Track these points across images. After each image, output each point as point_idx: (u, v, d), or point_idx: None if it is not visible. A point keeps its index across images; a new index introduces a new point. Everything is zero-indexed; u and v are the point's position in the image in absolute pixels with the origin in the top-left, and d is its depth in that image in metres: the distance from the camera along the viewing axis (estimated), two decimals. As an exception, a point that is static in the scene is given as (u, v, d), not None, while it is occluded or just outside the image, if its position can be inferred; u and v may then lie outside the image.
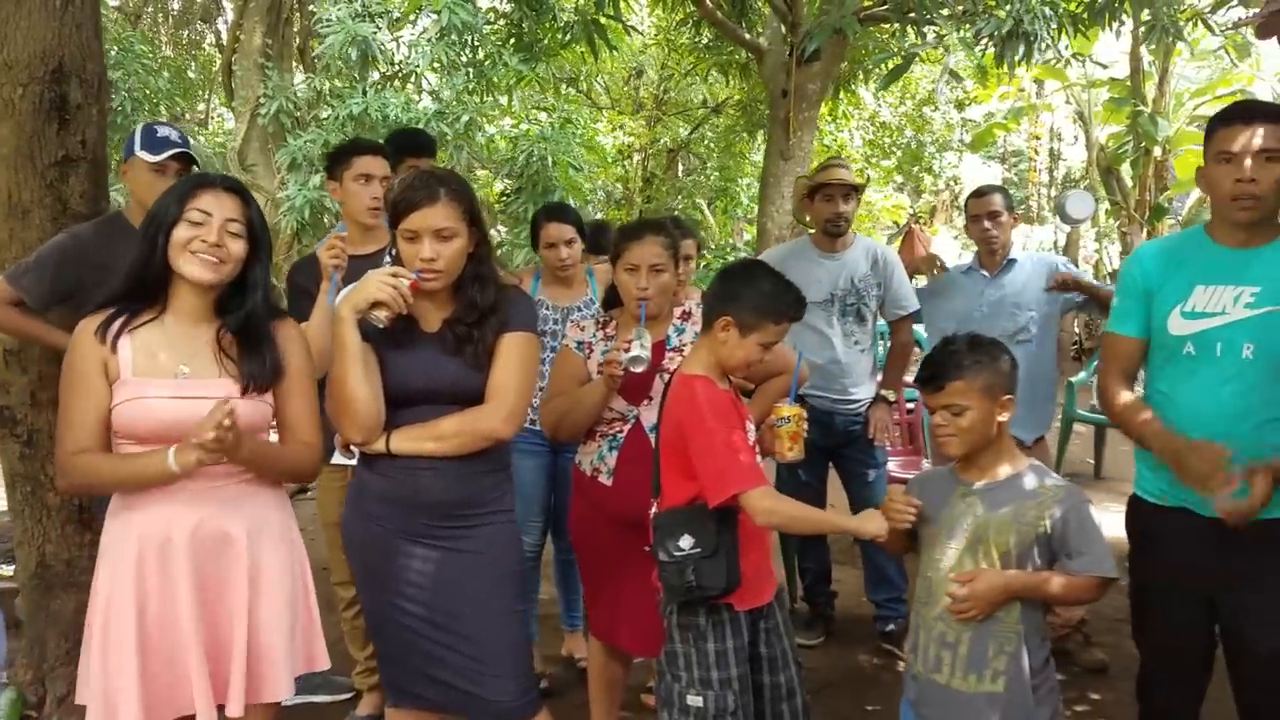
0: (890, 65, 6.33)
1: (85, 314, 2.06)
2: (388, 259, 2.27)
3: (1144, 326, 2.34)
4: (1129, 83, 11.14)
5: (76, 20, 2.99)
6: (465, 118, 9.71)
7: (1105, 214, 12.51)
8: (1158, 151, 11.29)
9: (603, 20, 6.58)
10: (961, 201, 15.71)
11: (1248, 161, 2.14)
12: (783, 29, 6.63)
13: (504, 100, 10.75)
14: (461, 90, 9.78)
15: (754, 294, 2.24)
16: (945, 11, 6.04)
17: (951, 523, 2.20)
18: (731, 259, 11.30)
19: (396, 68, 10.44)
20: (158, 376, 2.00)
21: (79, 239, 2.84)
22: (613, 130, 13.59)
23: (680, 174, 14.86)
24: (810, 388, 3.71)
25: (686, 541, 2.19)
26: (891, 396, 3.71)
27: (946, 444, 2.19)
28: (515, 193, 10.84)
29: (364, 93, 9.71)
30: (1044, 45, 5.22)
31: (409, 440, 2.15)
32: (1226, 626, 2.27)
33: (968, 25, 6.01)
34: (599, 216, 13.59)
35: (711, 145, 13.53)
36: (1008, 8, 5.56)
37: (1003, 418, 2.17)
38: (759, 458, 2.32)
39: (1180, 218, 11.66)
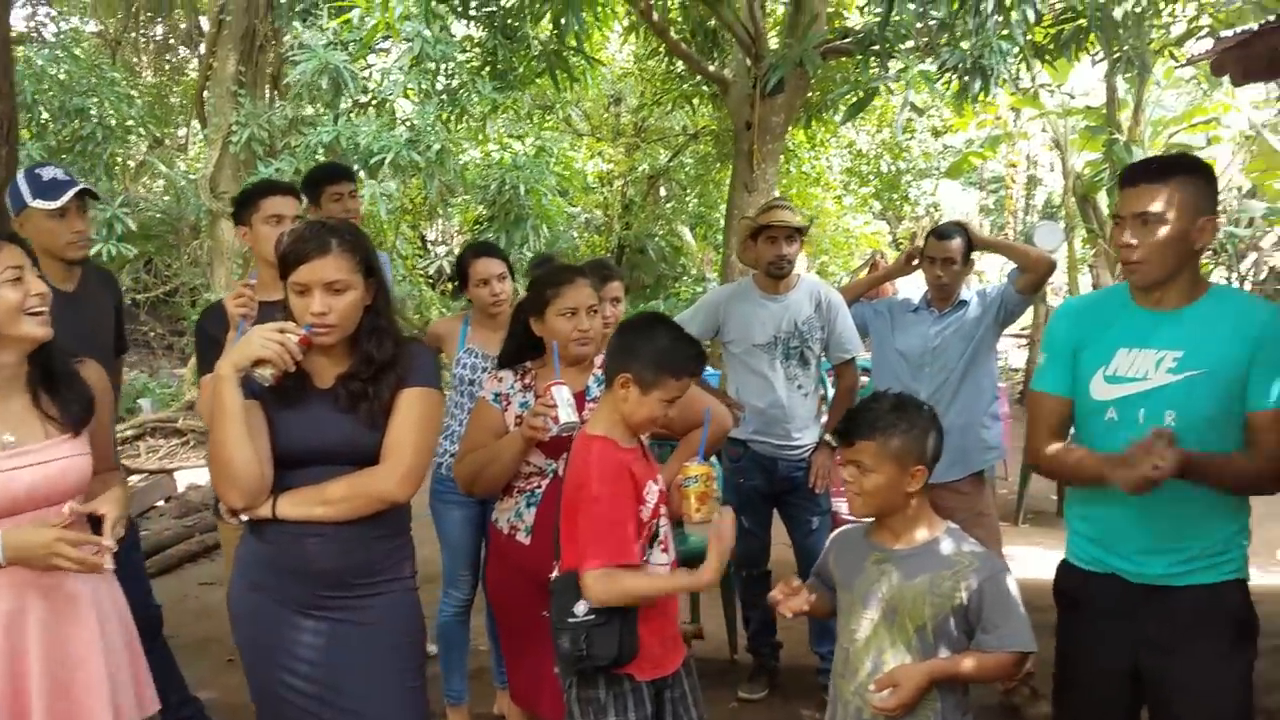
0: (853, 98, 6.29)
1: None
2: (278, 314, 2.16)
3: (1070, 385, 2.25)
4: (1104, 111, 11.13)
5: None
6: (437, 145, 9.65)
7: (1082, 242, 12.48)
8: (1133, 180, 11.26)
9: (565, 53, 6.55)
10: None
11: (1127, 228, 2.09)
12: (747, 61, 6.60)
13: (478, 128, 10.72)
14: (435, 118, 9.73)
15: (652, 350, 2.15)
16: (909, 44, 6.03)
17: (865, 590, 2.12)
18: (701, 290, 11.28)
19: (369, 95, 10.40)
20: None
21: None
22: (592, 157, 13.56)
23: (661, 200, 14.83)
24: (753, 432, 3.63)
25: (581, 607, 2.09)
26: (835, 442, 3.62)
27: (850, 501, 2.12)
28: (488, 220, 10.79)
29: (335, 120, 9.67)
30: (1000, 79, 5.18)
31: (297, 505, 2.02)
32: (1154, 698, 2.18)
33: (930, 58, 5.99)
34: (578, 242, 13.57)
35: (691, 172, 13.50)
36: (969, 41, 5.54)
37: (911, 488, 2.09)
38: (662, 523, 2.22)
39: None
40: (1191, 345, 2.07)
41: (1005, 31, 5.09)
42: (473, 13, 6.57)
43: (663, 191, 14.95)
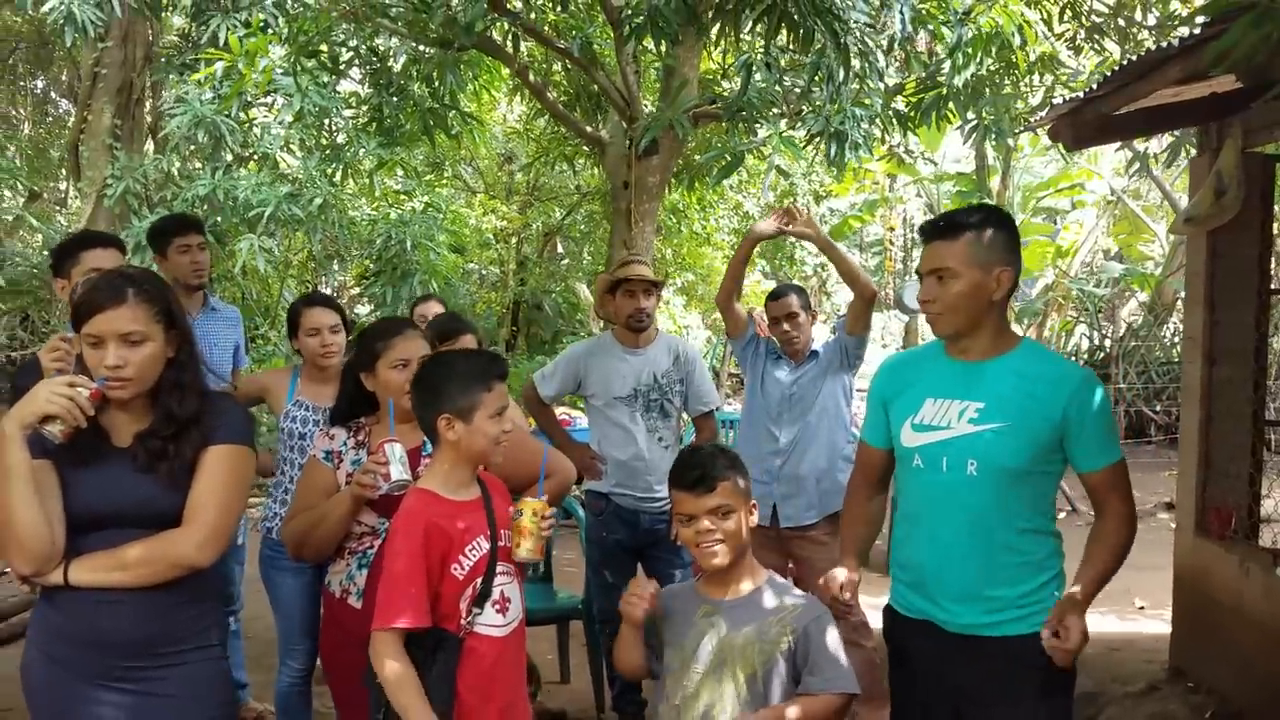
0: (721, 162, 6.45)
1: None
2: (74, 367, 2.05)
3: (885, 436, 2.32)
4: (975, 177, 11.68)
5: None
6: (318, 200, 9.52)
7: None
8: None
9: (441, 110, 6.58)
10: (829, 288, 16.03)
11: (925, 281, 2.18)
12: (623, 124, 6.72)
13: (365, 183, 10.63)
14: (317, 173, 9.61)
15: (451, 380, 2.14)
16: (775, 110, 6.23)
17: (696, 644, 2.11)
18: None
19: (250, 150, 10.22)
20: None
21: None
22: (485, 214, 13.56)
23: (557, 257, 14.90)
24: (616, 485, 3.63)
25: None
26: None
27: (713, 554, 2.09)
28: (375, 275, 10.66)
29: (213, 174, 9.46)
30: (855, 144, 5.38)
31: (90, 571, 1.90)
32: None
33: (796, 124, 6.20)
34: (473, 298, 13.50)
35: (584, 229, 13.62)
36: (830, 109, 5.75)
37: (751, 522, 2.13)
38: (500, 581, 2.16)
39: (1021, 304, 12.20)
40: (992, 398, 2.12)
41: (863, 99, 5.30)
42: (344, 68, 6.51)
43: (560, 249, 15.04)
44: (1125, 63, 3.31)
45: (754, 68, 5.26)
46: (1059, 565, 2.19)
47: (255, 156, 10.44)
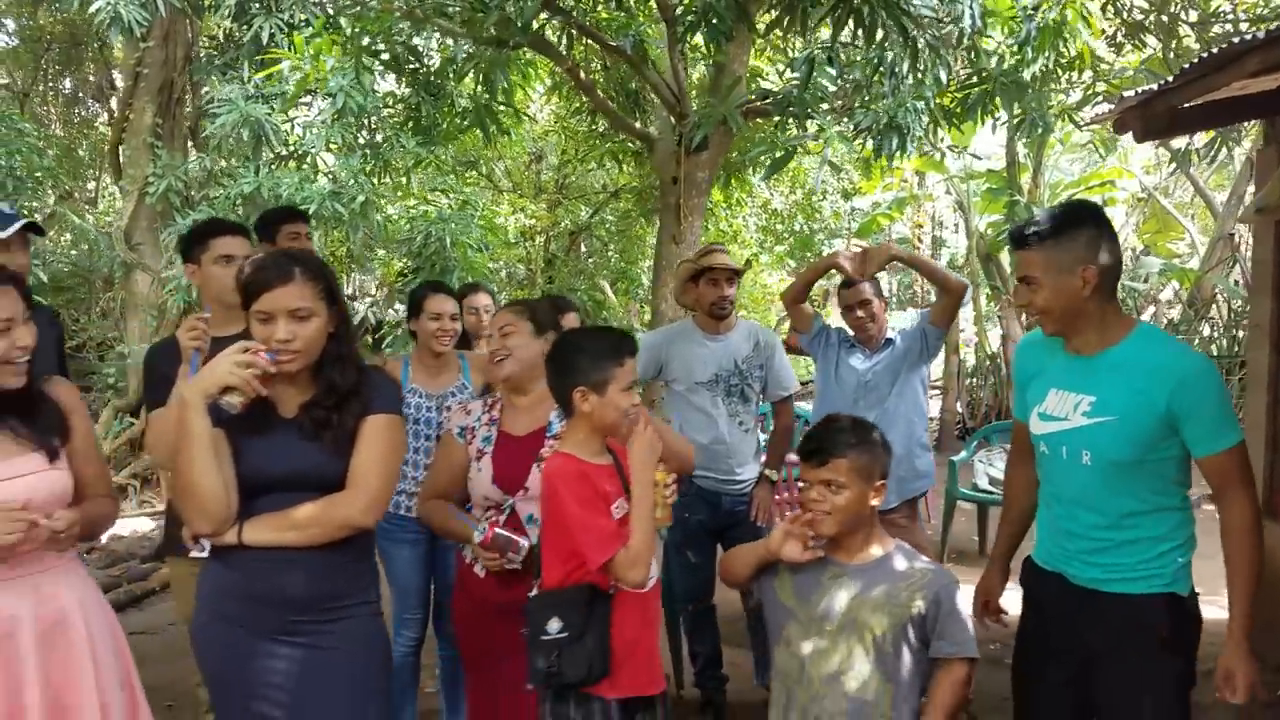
0: (768, 159, 6.54)
1: None
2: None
3: (1028, 412, 2.43)
4: (1005, 174, 11.72)
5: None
6: (361, 198, 9.63)
7: (986, 298, 13.02)
8: (1034, 239, 11.85)
9: (495, 107, 6.68)
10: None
11: (1017, 286, 2.28)
12: (671, 120, 6.82)
13: (402, 181, 10.75)
14: (358, 171, 9.73)
15: (584, 356, 2.26)
16: (824, 106, 6.32)
17: (825, 604, 2.21)
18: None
19: (291, 148, 10.35)
20: None
21: None
22: (514, 213, 13.67)
23: (582, 256, 15.00)
24: (698, 468, 3.72)
25: (554, 625, 2.15)
26: (774, 476, 3.75)
27: (819, 521, 2.20)
28: (413, 272, 10.77)
29: (256, 172, 9.59)
30: (915, 138, 5.47)
31: (263, 531, 2.04)
32: (1096, 697, 2.30)
33: (845, 119, 6.29)
34: (501, 297, 13.61)
35: (612, 229, 13.71)
36: (883, 104, 5.84)
37: (875, 501, 2.21)
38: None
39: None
40: (1102, 392, 2.21)
41: (923, 93, 5.39)
42: (404, 67, 6.63)
43: (584, 248, 15.14)
44: (1203, 55, 3.38)
45: (816, 63, 5.34)
46: (1184, 535, 2.25)
47: (295, 155, 10.59)
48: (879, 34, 4.45)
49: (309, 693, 2.06)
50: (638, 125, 7.16)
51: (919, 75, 5.28)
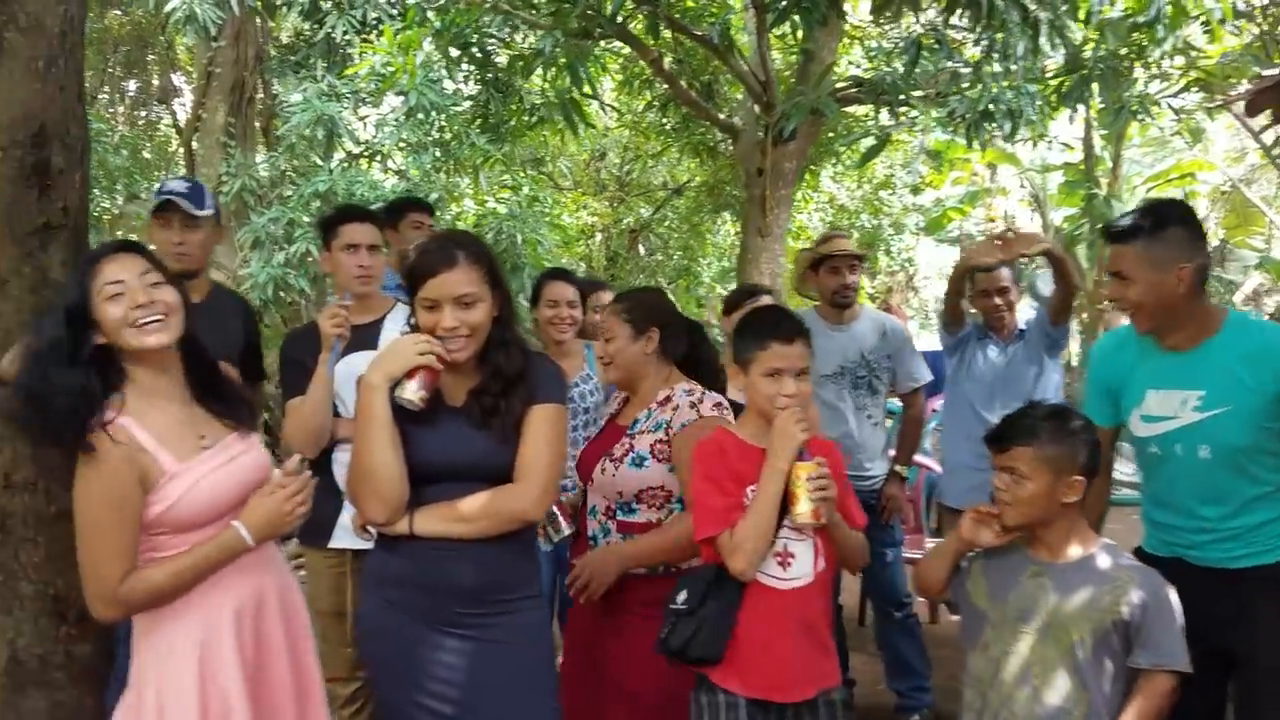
0: (853, 150, 6.41)
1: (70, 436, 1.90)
2: (406, 328, 2.14)
3: (1108, 416, 2.40)
4: (1082, 166, 11.46)
5: (60, 81, 2.84)
6: (434, 196, 9.63)
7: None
8: (1112, 233, 11.58)
9: (579, 100, 6.61)
10: (915, 283, 15.81)
11: (1111, 281, 2.27)
12: (756, 109, 6.70)
13: (470, 179, 10.76)
14: (429, 168, 9.74)
15: (740, 333, 2.22)
16: (917, 93, 6.16)
17: (1022, 604, 2.09)
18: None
19: (363, 147, 10.38)
20: (190, 457, 1.92)
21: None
22: (576, 210, 13.65)
23: (642, 254, 14.93)
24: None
25: (681, 595, 2.15)
26: (905, 472, 3.62)
27: (1002, 512, 2.09)
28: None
29: (330, 171, 9.63)
30: (1028, 121, 5.30)
31: (434, 521, 1.99)
32: (1236, 652, 2.26)
33: (939, 106, 6.12)
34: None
35: (673, 226, 13.62)
36: (980, 88, 5.67)
37: (1068, 499, 2.08)
38: (785, 534, 2.17)
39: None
40: (1210, 385, 2.20)
41: (1030, 75, 5.22)
42: (489, 60, 6.58)
43: (641, 249, 15.07)
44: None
45: (922, 46, 5.19)
46: None
47: (366, 154, 10.63)
48: (998, 14, 4.28)
49: (482, 686, 2.00)
50: (721, 116, 7.03)
51: (1034, 56, 5.11)
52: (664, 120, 9.22)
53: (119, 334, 1.89)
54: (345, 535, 2.59)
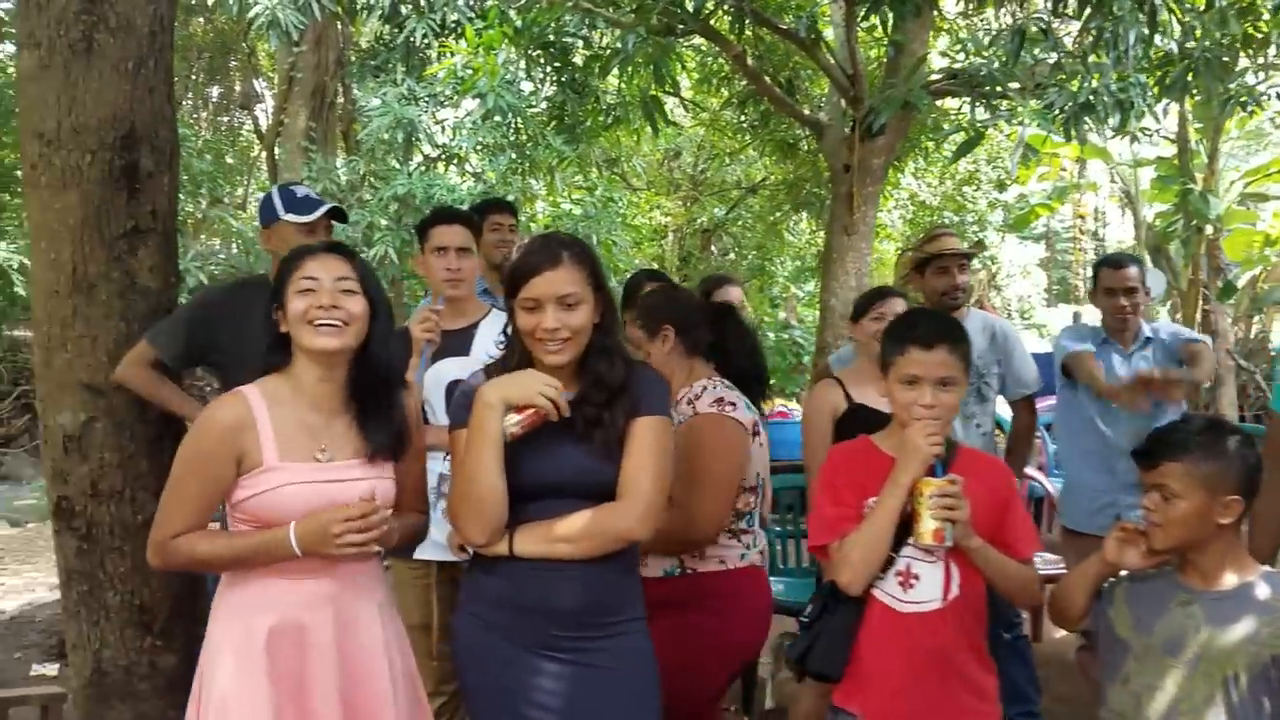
0: (936, 144, 6.17)
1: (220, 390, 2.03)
2: (501, 337, 2.04)
3: None
4: (1176, 161, 10.98)
5: (149, 84, 2.81)
6: (511, 197, 9.61)
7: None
8: (1209, 230, 11.08)
9: (659, 96, 6.49)
10: (998, 281, 15.35)
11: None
12: (842, 104, 6.50)
13: (545, 180, 10.73)
14: (506, 170, 9.73)
15: (887, 334, 2.11)
16: (1014, 85, 5.90)
17: (1170, 635, 1.90)
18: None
19: (440, 150, 10.42)
20: (298, 460, 1.90)
21: (212, 299, 2.86)
22: (648, 210, 13.56)
23: (716, 253, 14.78)
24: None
25: (810, 607, 2.09)
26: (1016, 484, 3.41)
27: (1150, 533, 1.91)
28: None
29: (409, 174, 9.68)
30: (1140, 113, 5.02)
31: (535, 542, 1.88)
32: None
33: (1037, 98, 5.85)
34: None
35: (748, 225, 13.44)
36: (1078, 80, 5.40)
37: (1224, 520, 1.88)
38: (907, 553, 2.02)
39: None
40: None
41: (1140, 65, 4.95)
42: (570, 60, 6.49)
43: (713, 249, 14.91)
44: None
45: (1027, 36, 4.94)
46: None
47: (443, 157, 10.67)
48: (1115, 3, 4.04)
49: (584, 713, 1.89)
50: (806, 112, 6.85)
51: (1147, 45, 4.83)
52: (742, 117, 9.04)
53: (297, 328, 1.91)
54: (430, 547, 2.50)
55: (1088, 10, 4.57)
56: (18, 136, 2.91)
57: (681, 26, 5.97)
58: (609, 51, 6.55)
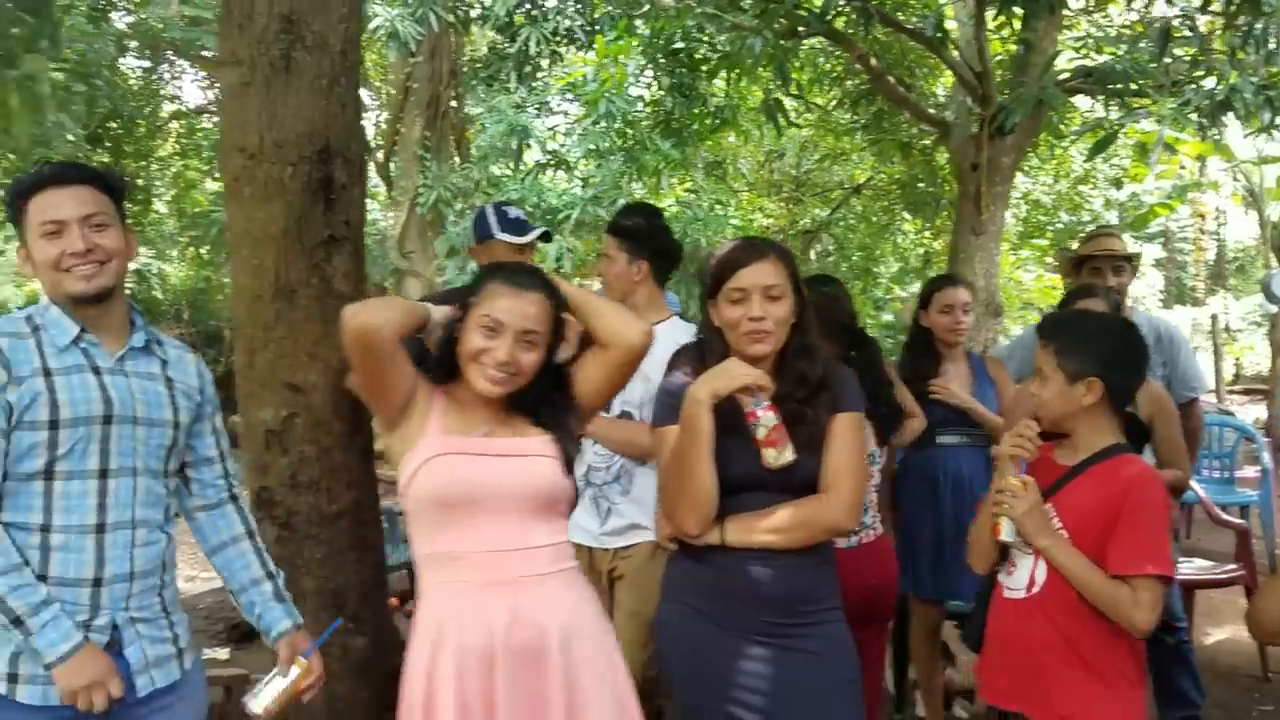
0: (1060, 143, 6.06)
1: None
2: (686, 338, 2.16)
3: None
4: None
5: (341, 100, 2.95)
6: (621, 201, 9.74)
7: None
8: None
9: (781, 98, 6.53)
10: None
11: None
12: (968, 102, 6.44)
13: (649, 184, 10.84)
14: (616, 174, 9.87)
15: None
16: (1149, 82, 5.77)
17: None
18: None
19: (549, 156, 10.62)
20: (462, 435, 1.91)
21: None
22: (750, 212, 13.55)
23: (816, 255, 14.69)
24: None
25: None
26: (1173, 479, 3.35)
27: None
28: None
29: (522, 180, 9.89)
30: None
31: (745, 532, 1.97)
32: None
33: (1174, 96, 5.71)
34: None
35: (852, 226, 13.33)
36: (1216, 77, 5.26)
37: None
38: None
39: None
40: None
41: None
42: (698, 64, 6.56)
43: (814, 249, 14.82)
44: None
45: (1172, 33, 4.85)
46: None
47: (552, 163, 10.88)
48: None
49: (798, 699, 1.96)
50: (930, 111, 6.81)
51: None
52: (855, 117, 9.01)
53: (465, 364, 1.91)
54: (577, 531, 2.59)
55: (1232, 7, 4.45)
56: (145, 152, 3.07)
57: (803, 29, 6.01)
58: (728, 54, 6.63)
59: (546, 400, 1.97)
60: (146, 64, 13.50)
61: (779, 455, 1.93)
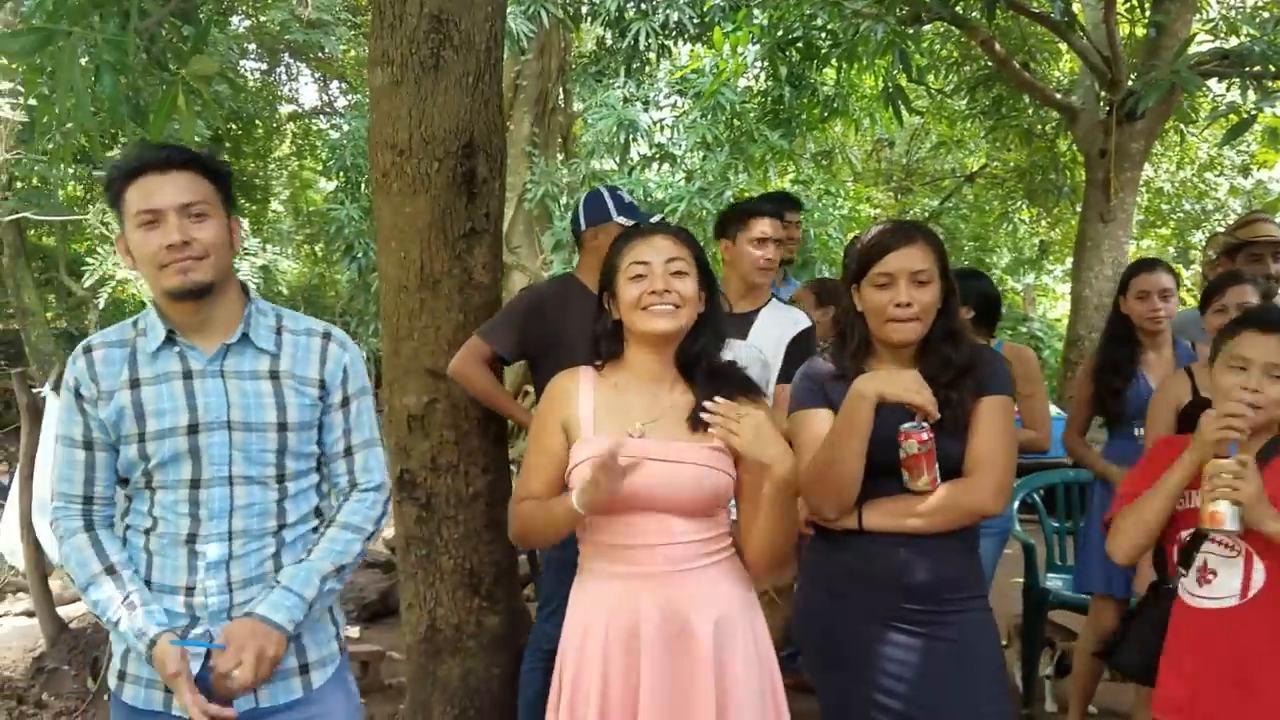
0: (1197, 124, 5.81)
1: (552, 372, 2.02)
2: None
3: None
4: None
5: (485, 96, 3.03)
6: (728, 193, 9.72)
7: None
8: None
9: (903, 85, 6.42)
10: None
11: None
12: (1096, 87, 6.24)
13: (757, 174, 10.78)
14: (722, 166, 9.84)
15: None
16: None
17: None
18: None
19: (656, 149, 10.66)
20: (617, 431, 1.86)
21: (540, 295, 2.97)
22: (858, 202, 13.37)
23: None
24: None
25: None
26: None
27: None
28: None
29: (629, 173, 9.96)
30: None
31: (886, 516, 1.94)
32: None
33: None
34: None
35: (964, 216, 13.03)
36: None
37: None
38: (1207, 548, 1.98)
39: None
40: None
41: None
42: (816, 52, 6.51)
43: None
44: None
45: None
46: None
47: (657, 156, 10.92)
48: None
49: (943, 686, 1.92)
50: (1058, 96, 6.62)
51: None
52: (973, 104, 8.81)
53: (629, 314, 1.88)
54: None
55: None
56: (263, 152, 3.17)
57: (925, 14, 5.91)
58: (843, 42, 6.55)
59: (707, 356, 1.92)
60: (264, 66, 14.14)
61: (911, 480, 1.92)
